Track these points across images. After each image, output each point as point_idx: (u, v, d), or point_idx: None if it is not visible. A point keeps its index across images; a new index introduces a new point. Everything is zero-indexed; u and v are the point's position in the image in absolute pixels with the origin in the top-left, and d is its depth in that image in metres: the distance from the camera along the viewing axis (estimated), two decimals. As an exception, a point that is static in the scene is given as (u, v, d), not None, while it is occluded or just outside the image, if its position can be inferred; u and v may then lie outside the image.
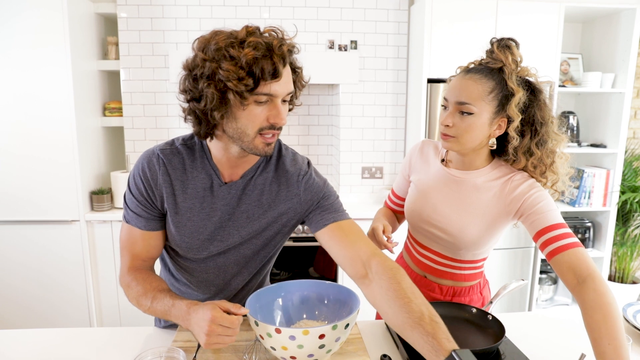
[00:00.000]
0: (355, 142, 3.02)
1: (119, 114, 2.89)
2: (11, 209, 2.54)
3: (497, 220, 1.18)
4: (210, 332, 0.88)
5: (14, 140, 2.49)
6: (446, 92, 1.15)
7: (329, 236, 1.04)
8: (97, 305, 2.71)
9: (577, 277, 0.96)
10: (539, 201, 1.09)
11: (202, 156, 1.05)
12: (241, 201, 1.07)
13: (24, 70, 2.44)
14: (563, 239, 1.02)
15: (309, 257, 2.74)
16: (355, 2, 2.89)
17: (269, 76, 0.88)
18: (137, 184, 1.04)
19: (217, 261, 1.13)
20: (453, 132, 1.12)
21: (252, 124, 0.93)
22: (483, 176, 1.18)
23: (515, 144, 1.12)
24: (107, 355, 1.09)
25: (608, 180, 2.88)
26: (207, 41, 0.90)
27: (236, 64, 0.86)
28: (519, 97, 1.08)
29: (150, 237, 1.08)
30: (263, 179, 1.08)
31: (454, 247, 1.23)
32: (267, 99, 0.92)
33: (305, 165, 1.11)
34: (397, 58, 2.97)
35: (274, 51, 0.88)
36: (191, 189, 1.05)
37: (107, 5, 2.78)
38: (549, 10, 2.65)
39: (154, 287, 1.02)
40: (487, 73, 1.11)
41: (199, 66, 0.89)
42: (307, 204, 1.08)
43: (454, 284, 1.31)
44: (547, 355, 1.10)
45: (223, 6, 2.83)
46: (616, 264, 3.08)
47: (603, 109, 2.96)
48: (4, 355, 1.08)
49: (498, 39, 1.14)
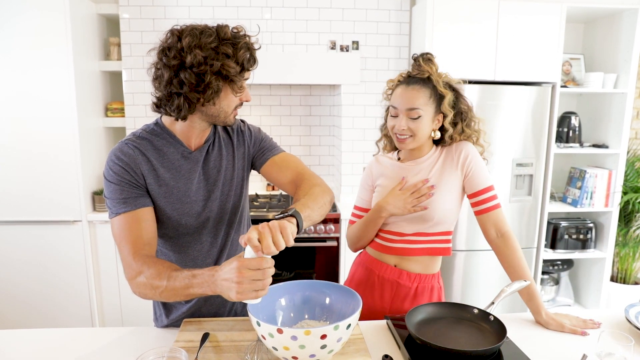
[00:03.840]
0: (356, 142, 3.02)
1: (121, 114, 2.89)
2: (14, 209, 2.55)
3: (451, 178, 1.39)
4: (240, 278, 0.88)
5: (17, 141, 2.50)
6: (394, 101, 1.38)
7: (270, 169, 1.29)
8: (99, 305, 2.72)
9: (497, 232, 1.35)
10: (475, 164, 1.38)
11: (166, 136, 1.18)
12: (208, 160, 1.23)
13: (27, 71, 2.45)
14: (491, 200, 1.36)
15: (310, 258, 2.75)
16: (356, 3, 2.89)
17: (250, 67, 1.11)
18: (117, 172, 1.11)
19: (207, 224, 1.23)
20: (409, 133, 1.35)
21: (231, 105, 1.14)
22: (430, 158, 1.43)
23: (451, 132, 1.39)
24: (109, 355, 1.09)
25: (610, 180, 2.88)
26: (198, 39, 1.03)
27: (235, 62, 1.06)
28: (448, 97, 1.35)
29: (143, 215, 1.12)
30: (218, 138, 1.26)
31: (426, 218, 1.38)
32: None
33: (239, 120, 1.33)
34: (399, 59, 2.97)
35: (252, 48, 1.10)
36: (167, 161, 1.17)
37: (109, 6, 2.79)
38: (550, 11, 2.65)
39: (166, 267, 1.02)
40: (422, 82, 1.35)
41: (202, 63, 1.03)
42: (253, 147, 1.31)
43: (422, 270, 1.42)
44: (549, 356, 1.10)
45: (225, 7, 2.84)
46: (618, 265, 3.08)
47: (605, 110, 2.95)
48: (8, 355, 1.09)
49: (420, 54, 1.40)
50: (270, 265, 0.91)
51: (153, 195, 1.15)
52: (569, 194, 3.00)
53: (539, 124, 2.70)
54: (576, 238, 2.95)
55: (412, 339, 1.12)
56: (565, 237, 2.94)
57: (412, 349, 1.09)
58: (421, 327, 1.17)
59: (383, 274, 1.43)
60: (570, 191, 3.00)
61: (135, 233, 1.09)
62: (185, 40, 1.02)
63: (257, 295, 0.90)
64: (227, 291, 0.91)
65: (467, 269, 2.72)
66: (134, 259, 1.05)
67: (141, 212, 1.11)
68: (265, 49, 2.89)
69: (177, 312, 1.29)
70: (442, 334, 1.14)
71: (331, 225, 2.67)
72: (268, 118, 3.18)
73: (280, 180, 1.28)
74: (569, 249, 2.95)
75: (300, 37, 2.90)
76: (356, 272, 1.51)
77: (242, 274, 0.88)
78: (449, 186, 1.38)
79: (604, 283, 2.98)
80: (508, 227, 1.35)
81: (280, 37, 2.89)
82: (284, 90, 3.16)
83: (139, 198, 1.12)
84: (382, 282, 1.43)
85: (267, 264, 0.90)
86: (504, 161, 2.69)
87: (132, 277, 1.05)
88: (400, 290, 1.41)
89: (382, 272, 1.43)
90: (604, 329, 1.18)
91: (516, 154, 2.71)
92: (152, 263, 1.04)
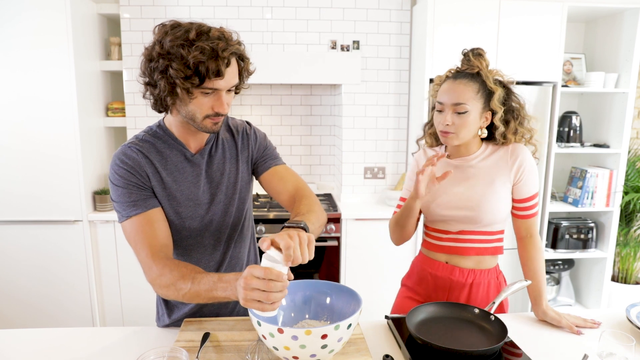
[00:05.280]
0: (357, 142, 3.02)
1: (121, 114, 2.89)
2: (15, 209, 2.56)
3: (502, 181, 1.36)
4: (246, 285, 0.86)
5: (17, 141, 2.50)
6: (440, 97, 1.34)
7: (270, 178, 1.27)
8: (100, 304, 2.72)
9: (527, 233, 1.39)
10: (528, 172, 1.36)
11: (167, 139, 1.17)
12: (211, 162, 1.22)
13: (27, 71, 2.45)
14: (533, 208, 1.38)
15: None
16: (357, 3, 2.89)
17: (212, 75, 1.00)
18: (123, 175, 1.10)
19: (210, 227, 1.23)
20: (453, 129, 1.31)
21: (200, 110, 1.06)
22: (479, 157, 1.40)
23: (502, 130, 1.35)
24: (110, 355, 1.09)
25: (611, 180, 2.87)
26: (164, 34, 1.01)
27: (185, 64, 0.98)
28: (498, 93, 1.32)
29: (156, 216, 1.11)
30: (222, 139, 1.24)
31: (475, 220, 1.36)
32: (212, 92, 1.05)
33: (246, 123, 1.31)
34: (400, 58, 2.96)
35: (218, 54, 0.99)
36: (170, 164, 1.16)
37: (110, 6, 2.79)
38: (551, 11, 2.64)
39: (190, 269, 1.02)
40: (470, 77, 1.32)
41: (154, 60, 1.01)
42: (257, 152, 1.29)
43: (474, 266, 1.40)
44: (550, 356, 1.10)
45: (225, 7, 2.84)
46: (619, 265, 3.07)
47: (606, 109, 2.95)
48: (9, 355, 1.09)
49: (470, 49, 1.37)
50: (278, 279, 0.86)
51: (157, 198, 1.15)
52: (570, 194, 3.00)
53: (540, 124, 2.70)
54: (577, 238, 2.95)
55: (413, 338, 1.12)
56: (566, 236, 2.93)
57: (412, 349, 1.09)
58: (422, 326, 1.16)
59: (435, 272, 1.43)
60: (571, 191, 3.00)
61: (150, 235, 1.08)
62: (158, 33, 1.03)
63: (263, 308, 0.87)
64: (238, 297, 0.91)
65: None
66: (154, 261, 1.05)
67: (152, 213, 1.11)
68: (266, 49, 2.89)
69: (179, 312, 1.28)
70: (443, 333, 1.14)
71: (332, 225, 2.67)
72: (269, 118, 3.18)
73: (278, 191, 1.26)
74: (569, 249, 2.95)
75: (300, 36, 2.90)
76: (412, 271, 1.52)
77: (248, 281, 0.87)
78: (499, 187, 1.35)
79: (604, 283, 2.98)
80: (537, 231, 1.41)
81: (280, 36, 2.89)
82: (284, 89, 3.16)
83: (148, 199, 1.12)
84: (435, 279, 1.43)
85: (272, 274, 0.86)
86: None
87: (154, 279, 1.04)
88: (454, 286, 1.40)
89: (434, 270, 1.43)
90: (606, 328, 1.18)
91: (517, 153, 2.71)
92: (174, 265, 1.03)
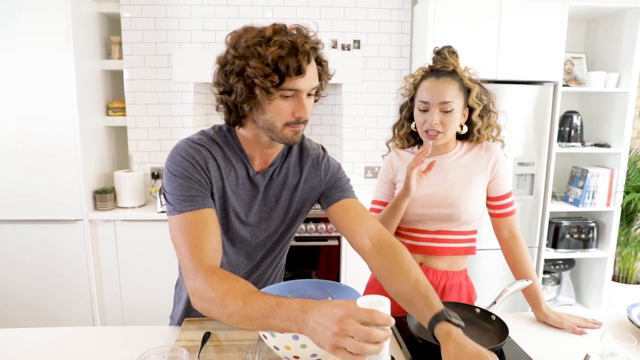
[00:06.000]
0: (358, 141, 3.01)
1: (122, 113, 2.89)
2: (15, 208, 2.55)
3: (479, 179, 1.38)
4: (340, 330, 0.68)
5: (18, 140, 2.50)
6: (423, 96, 1.31)
7: (340, 212, 1.13)
8: (100, 304, 2.72)
9: (510, 234, 1.39)
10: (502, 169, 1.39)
11: (235, 147, 1.09)
12: (270, 186, 1.13)
13: (27, 70, 2.45)
14: (511, 205, 1.39)
15: (311, 257, 2.74)
16: (358, 2, 2.89)
17: (293, 72, 0.93)
18: (186, 168, 1.00)
19: (247, 247, 1.16)
20: (440, 128, 1.30)
21: (279, 117, 0.98)
22: (455, 154, 1.40)
23: (479, 126, 1.36)
24: (110, 354, 1.09)
25: (612, 180, 2.87)
26: (238, 38, 0.96)
27: (263, 62, 0.91)
28: (476, 90, 1.33)
29: (210, 217, 1.00)
30: (288, 163, 1.15)
31: (454, 217, 1.36)
32: (292, 94, 0.97)
33: (321, 149, 1.21)
34: (400, 57, 2.96)
35: (298, 49, 0.93)
36: (233, 176, 1.08)
37: (110, 5, 2.78)
38: (552, 10, 2.64)
39: (243, 284, 0.86)
40: (451, 75, 1.31)
41: (230, 62, 0.95)
42: (325, 185, 1.17)
43: (448, 267, 1.40)
44: (551, 356, 1.10)
45: (226, 6, 2.83)
46: (620, 265, 3.07)
47: (607, 109, 2.94)
48: (8, 354, 1.09)
49: (443, 46, 1.39)
50: (388, 323, 0.70)
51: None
52: (571, 194, 3.00)
53: (541, 123, 2.70)
54: (578, 237, 2.94)
55: (414, 338, 1.11)
56: (566, 236, 2.93)
57: (413, 349, 1.09)
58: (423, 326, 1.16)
59: None
60: (572, 190, 3.00)
61: (202, 235, 0.96)
62: (230, 39, 0.97)
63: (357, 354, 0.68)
64: (319, 338, 0.72)
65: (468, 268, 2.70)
66: (201, 267, 0.91)
67: (209, 212, 1.00)
68: (267, 48, 2.89)
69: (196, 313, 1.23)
70: (444, 333, 1.14)
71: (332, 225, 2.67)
72: (269, 117, 3.18)
73: (351, 231, 1.10)
74: (570, 249, 2.95)
75: (301, 36, 2.90)
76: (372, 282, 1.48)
77: (345, 327, 0.68)
78: (475, 184, 1.36)
79: (605, 283, 2.97)
80: (519, 230, 1.40)
81: (281, 36, 2.88)
82: (285, 89, 3.15)
83: (207, 198, 1.01)
84: None
85: (382, 318, 0.69)
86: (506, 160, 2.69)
87: (197, 288, 0.88)
88: None
89: None
90: (607, 328, 1.18)
91: (518, 153, 2.70)
92: (224, 276, 0.88)
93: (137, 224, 2.64)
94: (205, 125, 3.08)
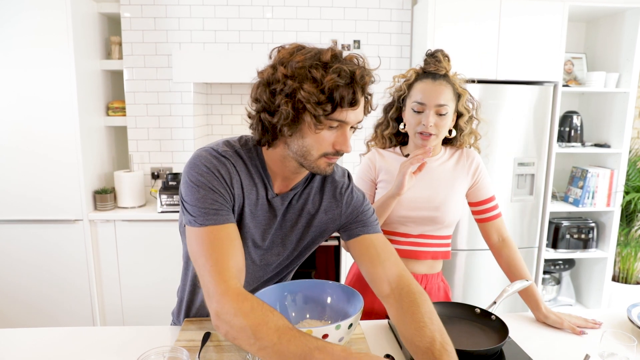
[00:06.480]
0: (357, 141, 3.00)
1: (122, 113, 2.89)
2: (15, 208, 2.55)
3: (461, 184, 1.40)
4: None
5: (18, 140, 2.50)
6: (419, 97, 1.31)
7: (360, 250, 1.07)
8: (100, 304, 2.72)
9: (499, 237, 1.41)
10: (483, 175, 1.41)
11: (258, 165, 1.02)
12: (287, 211, 1.07)
13: (27, 70, 2.44)
14: (495, 209, 1.41)
15: (311, 257, 2.74)
16: (358, 2, 2.89)
17: (347, 104, 0.88)
18: (210, 180, 0.93)
19: (256, 266, 1.11)
20: (434, 130, 1.30)
21: (318, 147, 0.94)
22: (441, 158, 1.41)
23: (465, 132, 1.39)
24: (110, 354, 1.09)
25: (612, 180, 2.87)
26: (289, 56, 0.90)
27: (317, 87, 0.86)
28: (466, 96, 1.35)
29: (234, 233, 0.93)
30: (309, 189, 1.09)
31: (438, 220, 1.37)
32: (337, 125, 0.93)
33: (346, 178, 1.13)
34: (400, 58, 2.96)
35: (356, 80, 0.88)
36: (253, 195, 1.01)
37: (111, 5, 2.78)
38: (552, 10, 2.64)
39: (278, 317, 0.81)
40: (446, 79, 1.32)
41: (280, 81, 0.88)
42: (346, 217, 1.10)
43: (427, 271, 1.42)
44: (551, 356, 1.10)
45: (226, 6, 2.84)
46: (620, 265, 3.07)
47: (607, 109, 2.94)
48: (8, 355, 1.09)
49: (437, 50, 1.36)
50: None
51: None
52: (571, 194, 3.00)
53: (541, 123, 2.70)
54: (578, 238, 2.94)
55: (414, 338, 1.11)
56: (566, 236, 2.93)
57: (413, 349, 1.09)
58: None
59: None
60: (571, 191, 3.00)
61: (228, 253, 0.89)
62: (278, 55, 0.92)
63: None
64: None
65: (468, 268, 2.72)
66: (228, 289, 0.84)
67: (232, 228, 0.93)
68: (267, 48, 2.89)
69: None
70: (444, 333, 1.14)
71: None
72: (269, 117, 3.18)
73: (371, 273, 1.04)
74: (570, 249, 2.95)
75: (301, 36, 2.90)
76: (358, 271, 1.47)
77: None
78: (459, 190, 1.39)
79: (605, 283, 2.97)
80: (508, 232, 1.42)
81: (281, 36, 2.89)
82: (285, 89, 3.15)
83: (230, 213, 0.95)
84: None
85: None
86: (506, 160, 2.68)
87: (226, 312, 0.82)
88: None
89: None
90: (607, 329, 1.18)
91: (518, 153, 2.70)
92: (257, 305, 0.82)
93: (137, 224, 2.64)
94: (205, 125, 3.08)
